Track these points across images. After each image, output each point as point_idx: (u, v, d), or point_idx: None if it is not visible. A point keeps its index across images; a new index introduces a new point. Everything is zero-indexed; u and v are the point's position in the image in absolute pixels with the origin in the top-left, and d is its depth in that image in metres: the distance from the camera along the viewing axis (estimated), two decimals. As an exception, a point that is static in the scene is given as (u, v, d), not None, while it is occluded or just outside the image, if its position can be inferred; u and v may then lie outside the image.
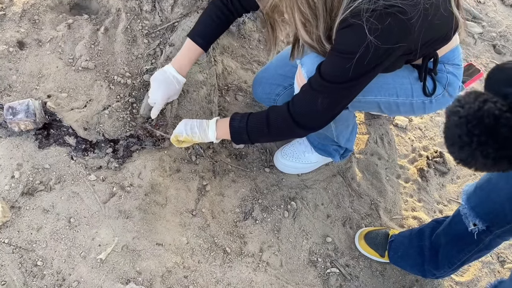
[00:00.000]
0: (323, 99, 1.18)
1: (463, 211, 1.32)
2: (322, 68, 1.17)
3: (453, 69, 1.39)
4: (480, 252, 1.36)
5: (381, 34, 1.02)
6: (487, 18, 2.66)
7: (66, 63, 1.64)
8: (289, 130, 1.29)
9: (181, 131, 1.42)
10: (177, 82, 1.50)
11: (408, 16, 1.02)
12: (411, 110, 1.44)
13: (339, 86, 1.16)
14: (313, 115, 1.23)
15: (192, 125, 1.42)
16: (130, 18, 1.71)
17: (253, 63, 2.05)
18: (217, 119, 1.42)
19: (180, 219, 1.53)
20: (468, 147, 0.83)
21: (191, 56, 1.51)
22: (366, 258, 1.64)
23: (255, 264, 1.53)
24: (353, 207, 1.75)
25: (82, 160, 1.51)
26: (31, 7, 1.71)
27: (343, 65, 1.10)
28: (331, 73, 1.15)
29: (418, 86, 1.38)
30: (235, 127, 1.35)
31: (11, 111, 1.47)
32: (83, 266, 1.34)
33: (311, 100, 1.20)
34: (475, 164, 0.85)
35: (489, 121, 0.80)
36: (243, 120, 1.34)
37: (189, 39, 1.49)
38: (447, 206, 1.87)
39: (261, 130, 1.32)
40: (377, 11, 1.01)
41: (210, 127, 1.40)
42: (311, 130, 1.29)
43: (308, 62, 1.32)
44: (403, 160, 1.95)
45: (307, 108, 1.22)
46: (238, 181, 1.70)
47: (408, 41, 1.09)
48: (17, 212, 1.38)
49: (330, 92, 1.18)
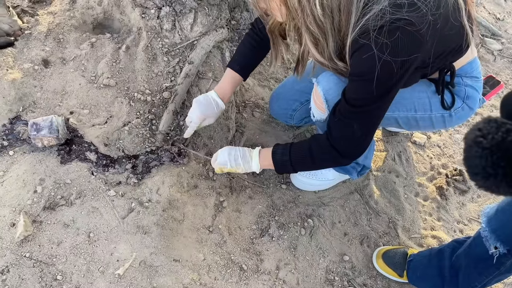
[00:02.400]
0: (358, 124, 1.20)
1: (483, 233, 1.29)
2: (347, 94, 1.18)
3: (471, 82, 1.38)
4: (501, 275, 1.32)
5: (393, 49, 1.03)
6: (506, 35, 2.64)
7: (88, 80, 1.68)
8: (335, 160, 1.31)
9: (225, 162, 1.46)
10: (216, 105, 1.54)
11: (417, 27, 1.03)
12: (431, 125, 1.44)
13: (369, 109, 1.17)
14: (354, 142, 1.25)
15: (236, 156, 1.45)
16: (151, 37, 1.75)
17: (270, 80, 2.07)
18: (259, 149, 1.45)
19: (197, 235, 1.54)
20: (494, 178, 0.82)
21: (232, 83, 1.57)
22: (384, 278, 1.62)
23: (271, 282, 1.52)
24: (370, 225, 1.73)
25: (102, 176, 1.54)
26: (56, 26, 1.77)
27: (366, 88, 1.10)
28: (357, 98, 1.15)
29: (436, 100, 1.37)
30: (278, 161, 1.38)
31: (35, 127, 1.51)
32: (101, 281, 1.36)
33: (347, 128, 1.21)
34: (498, 191, 0.84)
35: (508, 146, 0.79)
36: (285, 153, 1.36)
37: (228, 68, 1.56)
38: (467, 225, 1.83)
39: (305, 162, 1.35)
40: (385, 26, 1.02)
41: (254, 159, 1.44)
42: (356, 157, 1.30)
43: (323, 81, 1.33)
44: (421, 178, 1.93)
45: (346, 138, 1.23)
46: (255, 198, 1.71)
47: (422, 52, 1.09)
48: (39, 226, 1.41)
49: (362, 116, 1.19)
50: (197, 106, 1.52)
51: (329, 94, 1.32)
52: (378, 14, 1.02)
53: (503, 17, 2.74)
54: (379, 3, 1.02)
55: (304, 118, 1.76)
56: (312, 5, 1.06)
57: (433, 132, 2.10)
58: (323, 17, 1.07)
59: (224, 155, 1.46)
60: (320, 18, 1.07)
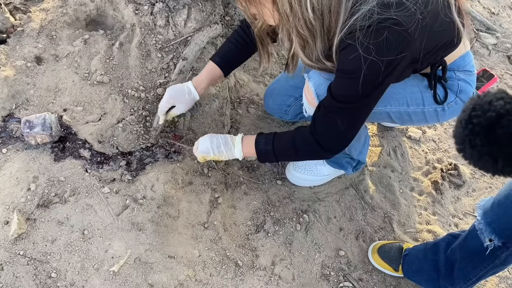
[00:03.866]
0: (342, 120, 1.20)
1: (478, 226, 1.29)
2: (333, 89, 1.18)
3: (464, 75, 1.38)
4: (496, 268, 1.33)
5: (379, 48, 1.03)
6: (501, 29, 2.64)
7: (82, 77, 1.67)
8: (317, 153, 1.32)
9: (207, 150, 1.44)
10: (188, 92, 1.53)
11: (405, 26, 1.03)
12: (424, 119, 1.44)
13: (354, 106, 1.17)
14: (336, 137, 1.25)
15: (218, 144, 1.44)
16: (144, 33, 1.74)
17: (265, 76, 2.07)
18: (242, 136, 1.44)
19: (192, 232, 1.53)
20: (462, 133, 0.83)
21: (209, 75, 1.55)
22: (380, 272, 1.62)
23: (267, 278, 1.52)
24: (366, 220, 1.73)
25: (96, 173, 1.54)
26: (48, 23, 1.75)
27: (351, 86, 1.11)
28: (343, 94, 1.16)
29: (429, 95, 1.37)
30: (261, 150, 1.38)
31: (28, 124, 1.50)
32: (96, 278, 1.35)
33: (331, 123, 1.22)
34: (465, 152, 0.85)
35: (491, 115, 0.79)
36: (268, 143, 1.36)
37: (210, 61, 1.55)
38: (462, 219, 1.83)
39: (288, 154, 1.36)
40: (372, 26, 1.02)
41: (237, 146, 1.43)
42: (337, 151, 1.31)
43: (315, 76, 1.34)
44: (416, 172, 1.93)
45: (329, 132, 1.24)
46: (250, 194, 1.71)
47: (410, 51, 1.09)
48: (33, 224, 1.40)
49: (347, 112, 1.19)
50: (167, 91, 1.53)
51: (320, 89, 1.32)
52: (366, 14, 1.02)
53: (497, 12, 2.74)
54: (367, 3, 1.02)
55: (299, 114, 1.76)
56: (304, 10, 1.06)
57: (428, 127, 2.10)
58: (313, 20, 1.08)
59: (205, 143, 1.45)
60: (311, 21, 1.08)
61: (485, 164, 0.84)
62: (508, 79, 2.40)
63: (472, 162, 0.86)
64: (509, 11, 2.78)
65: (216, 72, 1.55)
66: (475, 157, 0.84)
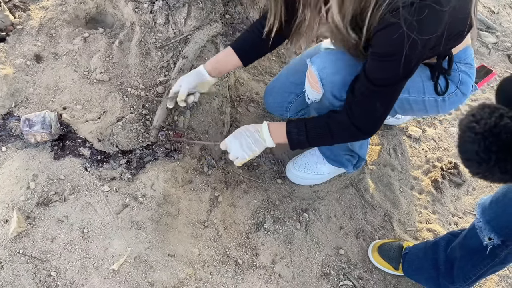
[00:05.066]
0: (381, 103, 1.21)
1: (478, 224, 1.29)
2: (371, 74, 1.17)
3: (465, 68, 1.39)
4: (495, 267, 1.33)
5: (421, 27, 1.02)
6: (501, 28, 2.64)
7: (81, 75, 1.67)
8: (353, 137, 1.34)
9: (242, 155, 1.43)
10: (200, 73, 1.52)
11: (443, 8, 1.02)
12: (424, 109, 1.44)
13: (393, 88, 1.18)
14: (375, 119, 1.27)
15: (248, 144, 1.42)
16: (144, 31, 1.74)
17: (265, 74, 2.07)
18: (268, 127, 1.41)
19: (192, 230, 1.53)
20: (486, 164, 0.82)
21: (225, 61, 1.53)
22: (380, 271, 1.62)
23: (267, 276, 1.52)
24: (366, 219, 1.73)
25: (96, 171, 1.53)
26: (48, 21, 1.75)
27: (392, 68, 1.11)
28: (382, 78, 1.16)
29: (429, 84, 1.39)
30: (294, 139, 1.37)
31: (28, 123, 1.50)
32: (96, 277, 1.35)
33: (370, 106, 1.22)
34: (492, 178, 0.84)
35: (507, 137, 0.79)
36: (301, 132, 1.35)
37: (229, 47, 1.52)
38: (462, 218, 1.83)
39: (323, 140, 1.39)
40: (414, 4, 1.00)
41: (267, 139, 1.41)
42: (374, 133, 1.33)
43: (317, 60, 1.33)
44: (416, 171, 1.93)
45: (367, 115, 1.25)
46: (250, 192, 1.70)
47: (440, 32, 1.09)
48: (32, 222, 1.40)
49: (385, 95, 1.20)
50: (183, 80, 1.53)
51: (323, 72, 1.31)
52: None
53: (497, 11, 2.74)
54: None
55: (300, 111, 1.75)
56: None
57: (428, 126, 2.10)
58: None
59: (237, 149, 1.43)
60: None
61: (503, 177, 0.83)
62: (508, 78, 2.40)
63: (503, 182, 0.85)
64: (509, 10, 2.78)
65: (234, 56, 1.51)
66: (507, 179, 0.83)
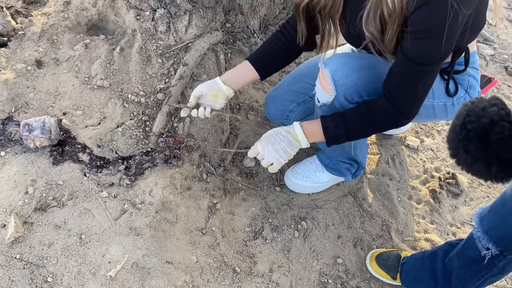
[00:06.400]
0: (422, 83, 1.19)
1: (476, 234, 1.29)
2: (411, 54, 1.14)
3: (473, 72, 1.39)
4: (493, 277, 1.33)
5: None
6: (498, 40, 2.67)
7: (82, 81, 1.67)
8: (395, 122, 1.30)
9: (278, 161, 1.38)
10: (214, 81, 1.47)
11: None
12: (433, 113, 1.43)
13: (435, 66, 1.16)
14: (415, 101, 1.24)
15: (284, 149, 1.37)
16: (145, 39, 1.75)
17: (264, 82, 2.08)
18: (301, 128, 1.37)
19: (190, 237, 1.53)
20: (456, 138, 0.84)
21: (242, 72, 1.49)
22: (378, 281, 1.62)
23: (264, 285, 1.51)
24: (364, 228, 1.73)
25: (94, 177, 1.53)
26: (49, 27, 1.76)
27: (435, 44, 1.09)
28: (425, 56, 1.14)
29: (439, 88, 1.37)
30: (331, 133, 1.33)
31: (27, 127, 1.50)
32: (92, 283, 1.34)
33: (412, 87, 1.20)
34: (459, 158, 0.85)
35: (485, 121, 0.80)
36: (339, 126, 1.31)
37: (245, 60, 1.49)
38: (460, 228, 1.84)
39: (365, 129, 1.35)
40: None
41: (303, 141, 1.37)
42: (412, 118, 1.29)
43: (331, 63, 1.33)
44: (415, 181, 1.93)
45: (410, 97, 1.23)
46: (249, 200, 1.70)
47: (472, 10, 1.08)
48: (30, 227, 1.40)
49: (427, 74, 1.18)
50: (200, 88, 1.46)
51: (336, 75, 1.30)
52: None
53: (495, 23, 2.77)
54: None
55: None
56: None
57: (426, 136, 2.11)
58: None
59: (271, 154, 1.37)
60: None
61: (478, 170, 0.84)
62: (505, 90, 2.42)
63: (465, 167, 0.87)
64: (506, 22, 2.81)
65: (251, 69, 1.47)
66: (468, 162, 0.84)
